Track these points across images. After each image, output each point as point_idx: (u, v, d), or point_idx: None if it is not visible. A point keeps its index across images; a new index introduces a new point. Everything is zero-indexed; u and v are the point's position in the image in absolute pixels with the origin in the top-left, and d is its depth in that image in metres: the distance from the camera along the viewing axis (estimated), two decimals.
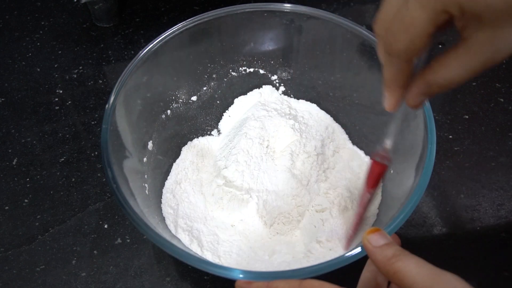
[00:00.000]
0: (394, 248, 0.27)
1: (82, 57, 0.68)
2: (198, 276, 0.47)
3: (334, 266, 0.33)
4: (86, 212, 0.52)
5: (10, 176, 0.55)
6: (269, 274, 0.33)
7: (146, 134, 0.50)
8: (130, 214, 0.36)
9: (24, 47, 0.70)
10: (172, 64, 0.52)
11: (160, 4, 0.75)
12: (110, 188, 0.38)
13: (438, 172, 0.55)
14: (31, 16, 0.74)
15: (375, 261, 0.28)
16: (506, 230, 0.50)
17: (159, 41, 0.48)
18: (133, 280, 0.47)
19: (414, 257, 0.26)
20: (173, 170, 0.52)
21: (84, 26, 0.72)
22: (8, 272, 0.48)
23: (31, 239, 0.50)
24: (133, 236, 0.50)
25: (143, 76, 0.48)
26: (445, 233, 0.50)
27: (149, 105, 0.51)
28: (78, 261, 0.48)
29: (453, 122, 0.60)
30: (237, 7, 0.51)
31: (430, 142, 0.39)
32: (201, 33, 0.51)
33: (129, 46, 0.69)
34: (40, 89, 0.64)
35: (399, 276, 0.26)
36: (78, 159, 0.57)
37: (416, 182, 0.38)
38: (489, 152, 0.57)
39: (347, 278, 0.33)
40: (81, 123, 0.60)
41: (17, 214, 0.52)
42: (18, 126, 0.60)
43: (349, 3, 0.75)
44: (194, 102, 0.56)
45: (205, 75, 0.56)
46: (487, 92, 0.63)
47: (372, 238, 0.28)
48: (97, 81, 0.65)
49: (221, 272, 0.33)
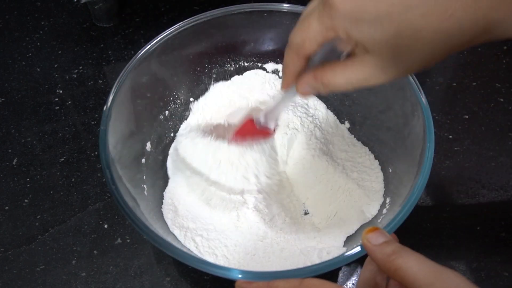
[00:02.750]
0: (394, 245, 0.27)
1: (82, 57, 0.68)
2: (198, 276, 0.47)
3: (334, 266, 0.33)
4: (86, 212, 0.52)
5: (10, 176, 0.55)
6: (269, 274, 0.33)
7: (145, 134, 0.50)
8: (129, 215, 0.37)
9: (24, 47, 0.70)
10: (171, 64, 0.52)
11: (160, 4, 0.75)
12: (109, 189, 0.38)
13: (438, 172, 0.55)
14: (31, 16, 0.74)
15: (375, 259, 0.28)
16: (506, 230, 0.50)
17: (158, 41, 0.48)
18: (133, 280, 0.47)
19: (415, 254, 0.26)
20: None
21: (84, 26, 0.72)
22: (8, 272, 0.48)
23: (31, 239, 0.50)
24: (133, 236, 0.50)
25: (142, 76, 0.48)
26: (445, 233, 0.50)
27: (148, 105, 0.51)
28: (78, 261, 0.48)
29: (453, 122, 0.60)
30: (237, 7, 0.51)
31: (429, 141, 0.39)
32: (200, 33, 0.51)
33: (129, 46, 0.69)
34: (40, 89, 0.64)
35: (400, 273, 0.26)
36: (78, 159, 0.57)
37: (415, 181, 0.38)
38: (489, 152, 0.57)
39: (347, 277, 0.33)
40: (81, 123, 0.60)
41: (17, 214, 0.52)
42: (18, 126, 0.60)
43: None
44: (193, 102, 0.56)
45: (204, 75, 0.56)
46: (487, 92, 0.63)
47: (371, 237, 0.28)
48: (97, 81, 0.65)
49: (221, 273, 0.33)
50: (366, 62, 0.28)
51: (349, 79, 0.29)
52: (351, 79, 0.29)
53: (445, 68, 0.66)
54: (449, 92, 0.63)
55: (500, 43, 0.69)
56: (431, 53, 0.26)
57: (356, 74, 0.29)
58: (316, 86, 0.31)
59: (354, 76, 0.29)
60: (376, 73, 0.28)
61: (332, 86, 0.30)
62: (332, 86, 0.30)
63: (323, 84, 0.31)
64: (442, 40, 0.25)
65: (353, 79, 0.29)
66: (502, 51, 0.68)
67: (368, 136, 0.53)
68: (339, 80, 0.30)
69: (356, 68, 0.29)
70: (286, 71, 0.33)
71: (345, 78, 0.29)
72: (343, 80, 0.30)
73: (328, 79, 0.30)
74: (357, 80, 0.29)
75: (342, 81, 0.30)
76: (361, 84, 0.29)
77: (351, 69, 0.29)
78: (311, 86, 0.32)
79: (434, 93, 0.63)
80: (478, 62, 0.67)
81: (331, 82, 0.30)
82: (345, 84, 0.30)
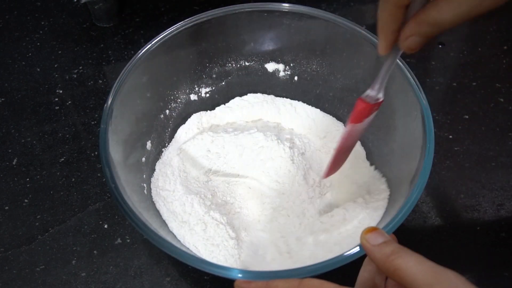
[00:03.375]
0: (393, 246, 0.27)
1: (82, 57, 0.68)
2: (198, 276, 0.47)
3: (333, 266, 0.33)
4: (86, 212, 0.52)
5: (10, 176, 0.55)
6: (268, 273, 0.33)
7: (145, 133, 0.50)
8: (128, 213, 0.37)
9: (24, 47, 0.70)
10: (171, 63, 0.52)
11: (160, 4, 0.75)
12: (109, 188, 0.38)
13: (438, 172, 0.55)
14: (31, 16, 0.74)
15: (374, 260, 0.28)
16: (506, 230, 0.50)
17: (157, 40, 0.48)
18: (133, 280, 0.47)
19: (414, 254, 0.26)
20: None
21: (84, 26, 0.72)
22: (8, 272, 0.48)
23: (31, 239, 0.50)
24: (133, 236, 0.50)
25: (142, 75, 0.48)
26: (445, 233, 0.50)
27: (148, 104, 0.51)
28: (78, 261, 0.48)
29: (453, 122, 0.60)
30: (237, 7, 0.51)
31: (428, 141, 0.39)
32: (200, 33, 0.51)
33: (129, 46, 0.69)
34: (40, 89, 0.64)
35: (400, 274, 0.25)
36: (78, 159, 0.57)
37: (414, 181, 0.38)
38: (489, 152, 0.57)
39: (347, 277, 0.33)
40: (81, 123, 0.60)
41: (17, 214, 0.52)
42: (18, 126, 0.60)
43: (349, 3, 0.75)
44: (193, 102, 0.56)
45: (204, 75, 0.56)
46: (487, 92, 0.63)
47: (370, 237, 0.28)
48: (97, 81, 0.65)
49: (220, 272, 0.33)
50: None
51: (459, 8, 0.26)
52: (462, 7, 0.26)
53: (445, 68, 0.66)
54: (449, 92, 0.63)
55: (500, 43, 0.69)
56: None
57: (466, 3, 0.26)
58: (423, 31, 0.28)
59: (465, 2, 0.26)
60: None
61: (441, 23, 0.27)
62: (441, 23, 0.27)
63: (430, 25, 0.28)
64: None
65: (464, 7, 0.26)
66: (502, 51, 0.68)
67: (368, 136, 0.53)
68: (448, 13, 0.27)
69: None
70: (385, 29, 0.30)
71: (455, 9, 0.26)
72: (453, 11, 0.26)
73: (435, 17, 0.27)
74: (469, 6, 0.26)
75: (452, 13, 0.27)
76: (474, 11, 0.26)
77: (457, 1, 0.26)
78: (417, 35, 0.29)
79: (434, 93, 0.63)
80: (478, 62, 0.67)
81: (438, 19, 0.27)
82: (455, 16, 0.27)
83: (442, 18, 0.27)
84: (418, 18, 0.28)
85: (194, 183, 0.49)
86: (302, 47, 0.55)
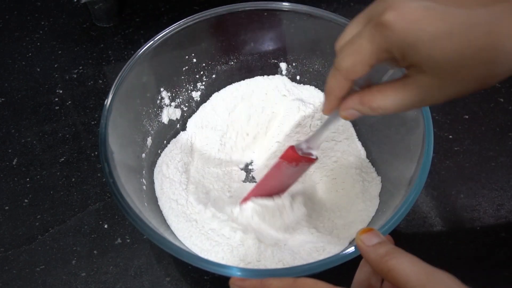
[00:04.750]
0: (388, 247, 0.27)
1: (82, 57, 0.68)
2: (198, 276, 0.47)
3: (328, 265, 0.33)
4: (86, 212, 0.52)
5: (10, 176, 0.55)
6: (263, 271, 0.33)
7: (145, 130, 0.50)
8: (125, 209, 0.37)
9: (24, 47, 0.70)
10: (171, 63, 0.52)
11: (160, 4, 0.75)
12: (107, 183, 0.38)
13: (438, 172, 0.55)
14: (31, 16, 0.74)
15: (368, 260, 0.28)
16: (506, 230, 0.50)
17: (157, 39, 0.48)
18: (133, 280, 0.47)
19: (408, 255, 0.26)
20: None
21: (84, 26, 0.72)
22: (8, 272, 0.48)
23: (31, 239, 0.50)
24: (133, 236, 0.50)
25: (141, 74, 0.48)
26: (445, 233, 0.50)
27: (148, 103, 0.51)
28: (78, 261, 0.48)
29: (453, 122, 0.60)
30: (237, 6, 0.51)
31: (428, 141, 0.39)
32: (200, 32, 0.51)
33: (129, 46, 0.69)
34: (40, 89, 0.64)
35: (393, 274, 0.26)
36: (78, 159, 0.57)
37: (412, 182, 0.38)
38: (489, 152, 0.57)
39: (341, 277, 0.33)
40: (81, 123, 0.60)
41: (17, 214, 0.52)
42: (18, 126, 0.60)
43: (349, 3, 0.75)
44: (193, 101, 0.56)
45: (204, 74, 0.56)
46: (487, 92, 0.63)
47: (365, 238, 0.29)
48: (97, 81, 0.65)
49: (219, 270, 0.34)
50: (422, 83, 0.26)
51: (402, 102, 0.27)
52: (405, 101, 0.27)
53: None
54: None
55: None
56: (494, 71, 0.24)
57: (411, 96, 0.27)
58: (363, 110, 0.30)
59: (408, 98, 0.27)
60: (433, 93, 0.26)
61: (382, 110, 0.29)
62: (382, 110, 0.29)
63: (371, 109, 0.29)
64: (508, 59, 0.24)
65: (407, 101, 0.27)
66: None
67: (367, 136, 0.53)
68: (390, 103, 0.28)
69: (410, 89, 0.27)
70: (331, 95, 0.31)
71: (397, 101, 0.27)
72: (395, 103, 0.28)
73: (378, 103, 0.28)
74: (411, 102, 0.27)
75: (394, 104, 0.28)
76: (416, 106, 0.28)
77: (404, 91, 0.27)
78: (357, 111, 0.30)
79: None
80: None
81: (381, 106, 0.28)
82: (397, 107, 0.28)
83: (386, 106, 0.28)
84: (363, 97, 0.29)
85: (195, 177, 0.50)
86: (302, 47, 0.55)
